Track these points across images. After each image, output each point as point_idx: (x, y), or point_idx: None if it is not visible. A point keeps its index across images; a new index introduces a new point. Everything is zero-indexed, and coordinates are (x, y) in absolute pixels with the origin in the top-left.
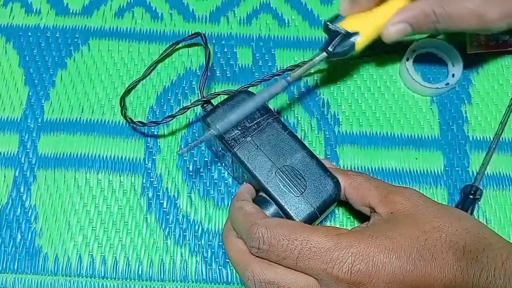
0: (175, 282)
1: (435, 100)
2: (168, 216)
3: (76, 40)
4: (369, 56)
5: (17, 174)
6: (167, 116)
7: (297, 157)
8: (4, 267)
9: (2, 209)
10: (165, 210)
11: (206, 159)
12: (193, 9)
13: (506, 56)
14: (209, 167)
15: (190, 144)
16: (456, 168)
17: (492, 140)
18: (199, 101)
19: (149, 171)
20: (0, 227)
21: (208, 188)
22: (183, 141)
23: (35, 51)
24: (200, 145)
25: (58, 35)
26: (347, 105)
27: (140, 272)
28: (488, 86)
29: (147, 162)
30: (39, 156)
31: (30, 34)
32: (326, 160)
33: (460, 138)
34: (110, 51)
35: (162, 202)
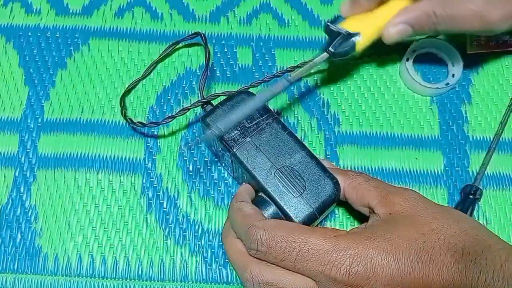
0: (175, 282)
1: (435, 100)
2: (168, 216)
3: (76, 40)
4: (369, 56)
5: (17, 174)
6: (167, 117)
7: (296, 157)
8: (4, 267)
9: (2, 209)
10: (165, 210)
11: (206, 159)
12: (193, 9)
13: (506, 56)
14: (209, 167)
15: (190, 143)
16: (456, 168)
17: (492, 140)
18: (199, 102)
19: (149, 171)
20: (0, 227)
21: (208, 188)
22: (183, 141)
23: (35, 51)
24: (200, 144)
25: (58, 35)
26: (347, 105)
27: (140, 272)
28: (488, 86)
29: (147, 162)
30: (39, 156)
31: (30, 34)
32: (325, 160)
33: (460, 138)
34: (110, 51)
35: (162, 202)
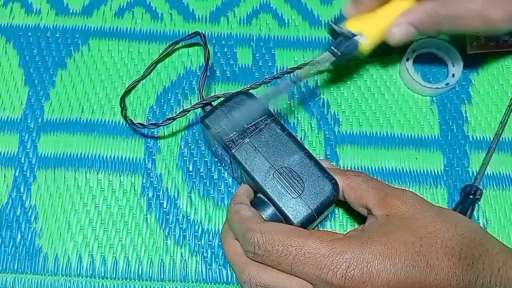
0: (175, 282)
1: (435, 100)
2: (168, 216)
3: (76, 40)
4: (369, 56)
5: (17, 174)
6: (167, 118)
7: (295, 158)
8: (4, 267)
9: (2, 209)
10: (165, 210)
11: (206, 159)
12: (193, 9)
13: (506, 56)
14: (209, 167)
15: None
16: (456, 168)
17: (492, 140)
18: (199, 103)
19: (149, 171)
20: (0, 227)
21: (208, 188)
22: (183, 141)
23: (35, 51)
24: (199, 144)
25: (58, 35)
26: (347, 105)
27: (140, 272)
28: (488, 86)
29: (147, 162)
30: (39, 156)
31: (30, 34)
32: (325, 160)
33: (460, 138)
34: (110, 51)
35: (162, 202)
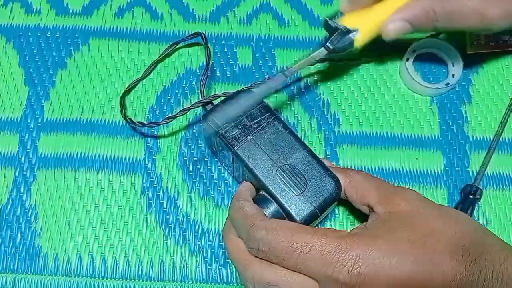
0: (175, 282)
1: (435, 100)
2: (168, 216)
3: (76, 40)
4: (369, 56)
5: (17, 174)
6: (167, 117)
7: (297, 156)
8: (4, 267)
9: (2, 209)
10: (165, 210)
11: (206, 159)
12: (193, 9)
13: (506, 56)
14: (209, 167)
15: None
16: (456, 168)
17: (492, 140)
18: (199, 102)
19: (149, 171)
20: (0, 227)
21: (208, 188)
22: (183, 141)
23: (35, 51)
24: (199, 144)
25: (58, 35)
26: (347, 105)
27: (140, 272)
28: (488, 86)
29: (147, 162)
30: (39, 156)
31: (30, 34)
32: (326, 159)
33: (460, 138)
34: (110, 51)
35: (162, 202)
